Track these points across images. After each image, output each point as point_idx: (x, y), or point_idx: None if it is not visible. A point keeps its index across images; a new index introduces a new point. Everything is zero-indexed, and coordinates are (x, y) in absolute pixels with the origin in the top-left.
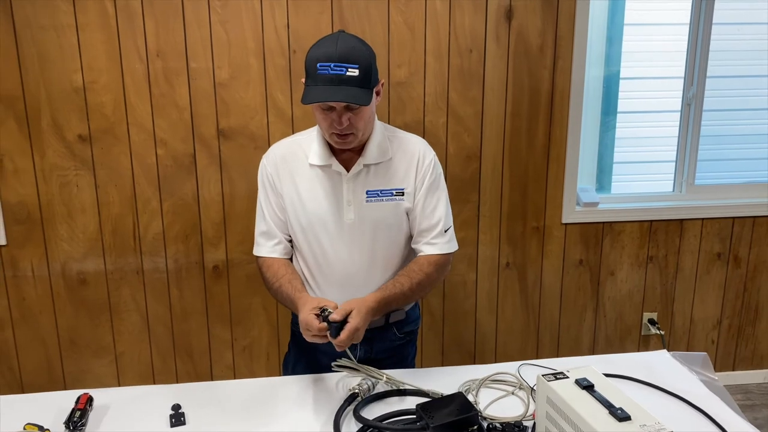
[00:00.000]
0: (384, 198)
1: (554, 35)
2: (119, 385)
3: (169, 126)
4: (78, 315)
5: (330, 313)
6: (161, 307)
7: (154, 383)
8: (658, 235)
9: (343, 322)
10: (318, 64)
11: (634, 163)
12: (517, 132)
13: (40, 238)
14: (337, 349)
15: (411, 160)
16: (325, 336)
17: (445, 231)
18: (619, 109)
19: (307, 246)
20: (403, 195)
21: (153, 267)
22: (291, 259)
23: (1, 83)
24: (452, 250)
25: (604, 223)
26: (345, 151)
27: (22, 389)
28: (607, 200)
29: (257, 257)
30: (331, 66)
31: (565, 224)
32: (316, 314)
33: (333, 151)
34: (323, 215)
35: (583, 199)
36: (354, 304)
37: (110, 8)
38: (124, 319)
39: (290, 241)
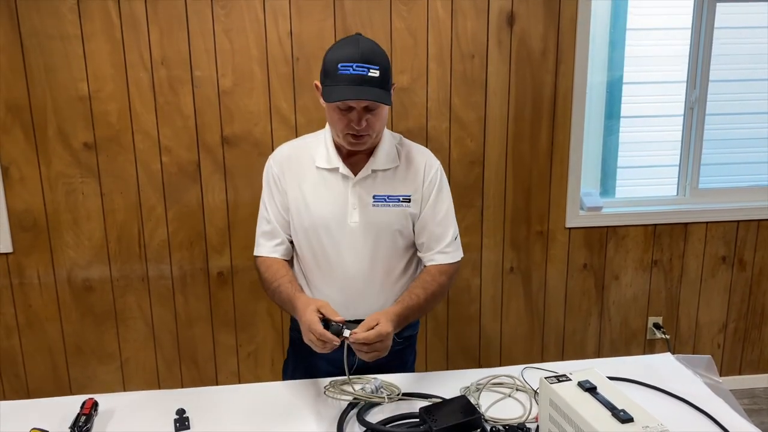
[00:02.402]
0: (391, 203)
1: (556, 40)
2: (125, 392)
3: (174, 134)
4: (84, 322)
5: (339, 327)
6: (166, 314)
7: (160, 389)
8: (663, 239)
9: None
10: (339, 65)
11: (638, 168)
12: (520, 137)
13: (46, 246)
14: (364, 356)
15: (418, 168)
16: (326, 344)
17: (455, 239)
18: (622, 114)
19: (309, 248)
20: (409, 202)
21: (158, 274)
22: (290, 262)
23: (7, 92)
24: (461, 257)
25: (608, 227)
26: (353, 155)
27: (28, 395)
28: (611, 204)
29: (256, 257)
30: (353, 66)
31: (569, 228)
32: (320, 317)
33: (341, 155)
34: (327, 218)
35: (587, 203)
36: (380, 316)
37: (115, 18)
38: (129, 325)
39: (292, 243)
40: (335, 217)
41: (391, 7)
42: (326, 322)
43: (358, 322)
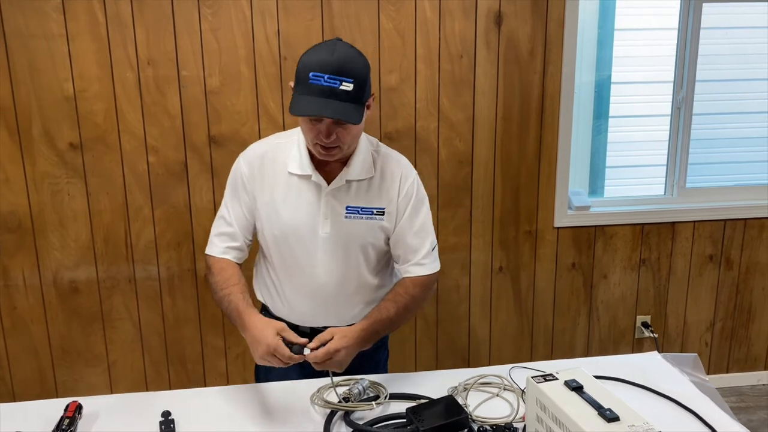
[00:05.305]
0: (364, 216)
1: (544, 40)
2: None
3: (161, 134)
4: (70, 324)
5: (299, 348)
6: (154, 316)
7: (147, 392)
8: (651, 238)
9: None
10: (311, 74)
11: (626, 167)
12: (509, 137)
13: (32, 247)
14: (315, 367)
15: (393, 180)
16: (286, 363)
17: (432, 249)
18: (610, 113)
19: (279, 255)
20: (383, 215)
21: (145, 275)
22: (241, 265)
23: None
24: (438, 269)
25: (596, 226)
26: (327, 163)
27: (14, 399)
28: (599, 204)
29: (208, 256)
30: (325, 77)
31: (557, 228)
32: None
33: (314, 161)
34: (298, 226)
35: (575, 202)
36: (337, 330)
37: (101, 17)
38: (116, 327)
39: (248, 246)
40: (306, 227)
41: (379, 8)
42: (286, 343)
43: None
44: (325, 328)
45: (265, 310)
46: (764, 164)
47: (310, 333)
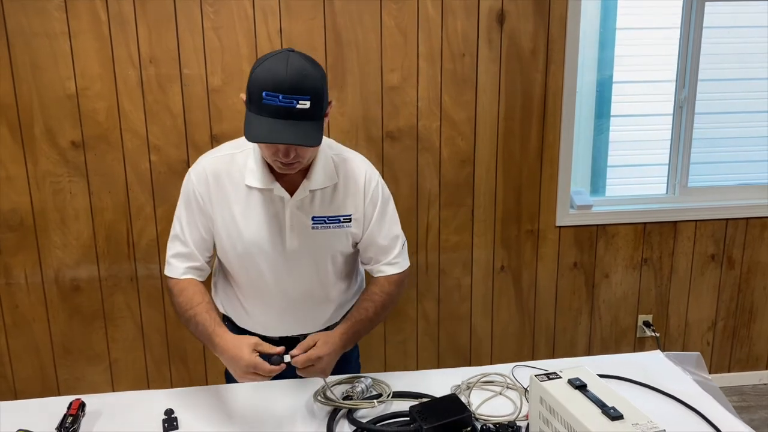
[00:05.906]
0: (331, 225)
1: (546, 39)
2: (112, 392)
3: (163, 132)
4: (72, 322)
5: (281, 357)
6: (155, 314)
7: (150, 390)
8: (652, 238)
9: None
10: (264, 93)
11: (627, 167)
12: (511, 136)
13: (34, 246)
14: (299, 373)
15: (358, 185)
16: (268, 378)
17: (402, 247)
18: (612, 113)
19: (245, 273)
20: (350, 221)
21: (147, 273)
22: (205, 282)
23: None
24: (409, 264)
25: (598, 225)
26: (287, 174)
27: (15, 397)
28: (601, 203)
29: (168, 278)
30: (279, 97)
31: (559, 227)
32: (257, 354)
33: (274, 172)
34: (263, 243)
35: (577, 202)
36: (320, 336)
37: (103, 15)
38: (118, 325)
39: (208, 263)
40: (272, 242)
41: (381, 6)
42: (264, 356)
43: (296, 339)
44: (295, 336)
45: (228, 321)
46: (766, 163)
47: (279, 341)
